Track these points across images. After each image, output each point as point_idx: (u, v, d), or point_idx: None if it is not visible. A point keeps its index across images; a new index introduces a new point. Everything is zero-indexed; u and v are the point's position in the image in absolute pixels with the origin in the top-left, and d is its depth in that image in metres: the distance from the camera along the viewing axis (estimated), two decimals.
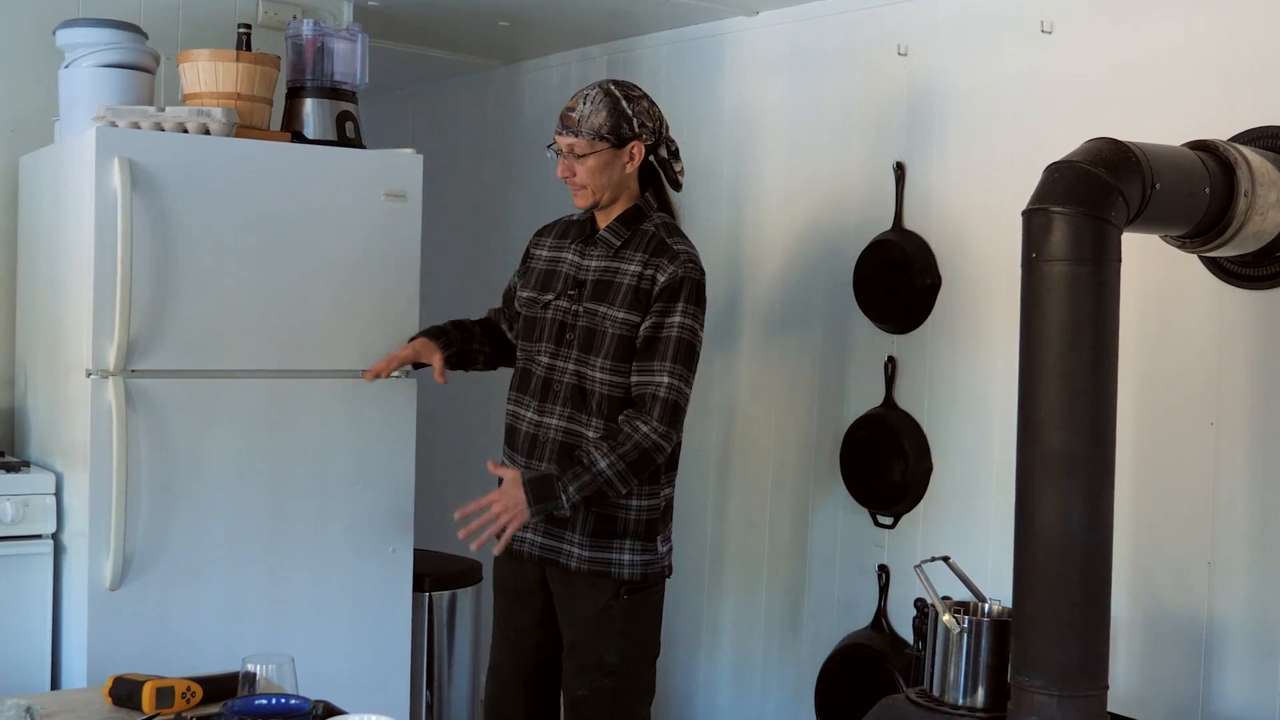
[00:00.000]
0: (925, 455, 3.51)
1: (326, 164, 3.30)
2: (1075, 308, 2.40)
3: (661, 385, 2.94)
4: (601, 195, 3.03)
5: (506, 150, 4.94)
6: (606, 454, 2.91)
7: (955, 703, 2.61)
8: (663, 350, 2.95)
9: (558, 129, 3.02)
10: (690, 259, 3.00)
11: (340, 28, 3.51)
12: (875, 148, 3.65)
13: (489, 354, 3.33)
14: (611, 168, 3.01)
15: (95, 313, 2.99)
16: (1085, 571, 2.41)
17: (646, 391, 2.95)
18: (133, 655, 2.92)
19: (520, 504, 2.93)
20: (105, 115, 3.07)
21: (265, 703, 1.96)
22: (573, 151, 2.99)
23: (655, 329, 2.96)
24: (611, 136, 2.98)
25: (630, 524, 3.01)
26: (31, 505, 3.14)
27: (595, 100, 3.00)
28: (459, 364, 3.30)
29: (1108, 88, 3.11)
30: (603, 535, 3.00)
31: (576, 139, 2.99)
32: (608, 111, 2.99)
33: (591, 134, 2.98)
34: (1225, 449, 2.90)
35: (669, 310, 2.96)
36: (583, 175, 3.00)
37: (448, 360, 3.24)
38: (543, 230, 3.26)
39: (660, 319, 2.96)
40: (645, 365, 2.96)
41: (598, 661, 3.02)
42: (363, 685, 3.31)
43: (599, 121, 2.97)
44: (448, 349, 3.25)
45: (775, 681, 3.93)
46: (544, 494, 2.92)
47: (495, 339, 3.34)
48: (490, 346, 3.33)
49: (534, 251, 3.23)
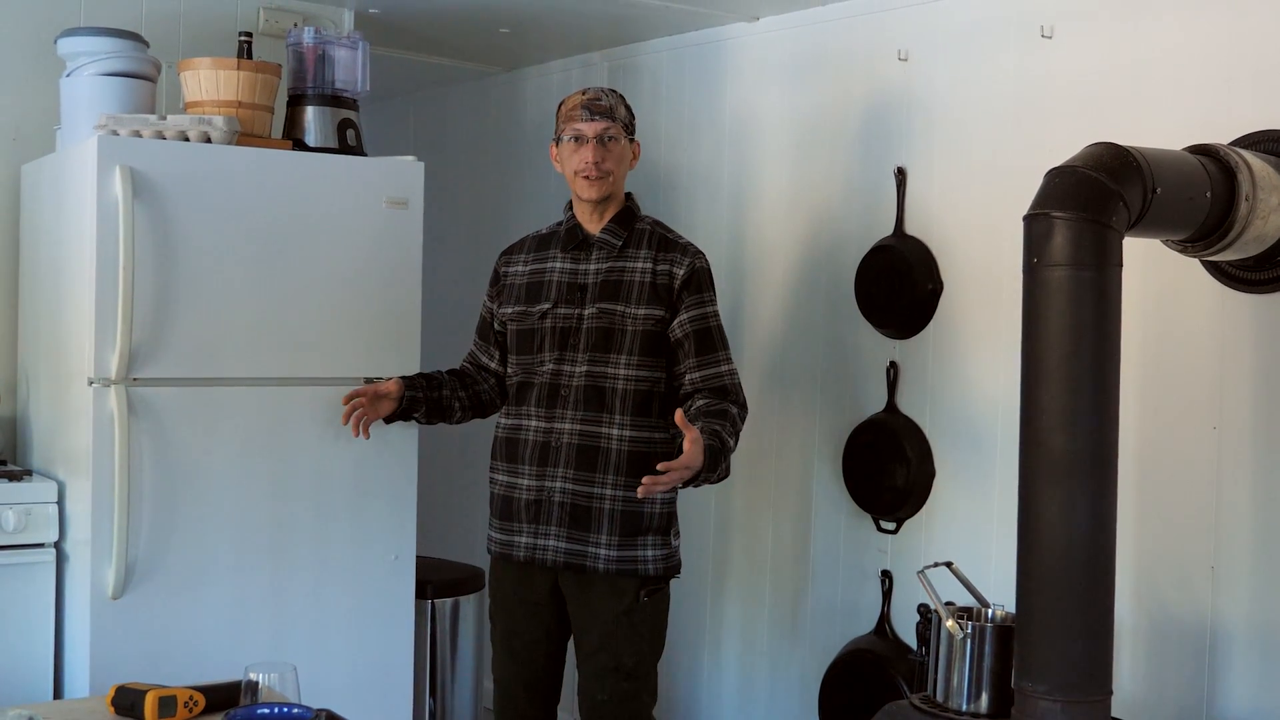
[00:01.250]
0: (928, 460, 3.51)
1: (328, 172, 3.31)
2: (1077, 313, 2.40)
3: (725, 373, 3.08)
4: (616, 185, 3.12)
5: (508, 157, 4.94)
6: (730, 433, 2.99)
7: (959, 708, 2.60)
8: (714, 342, 3.09)
9: (581, 117, 3.07)
10: (699, 251, 3.15)
11: (341, 35, 3.52)
12: (876, 153, 3.65)
13: (465, 398, 3.28)
14: (626, 159, 3.15)
15: (97, 321, 3.00)
16: (1089, 576, 2.41)
17: (722, 383, 3.07)
18: (135, 664, 2.92)
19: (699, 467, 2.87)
20: (107, 124, 3.07)
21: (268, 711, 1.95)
22: (607, 135, 3.06)
23: (700, 322, 3.07)
24: (629, 127, 3.14)
25: (655, 518, 3.06)
26: (34, 514, 3.13)
27: (612, 95, 3.13)
28: (427, 412, 3.25)
29: (1108, 92, 3.11)
30: (629, 533, 3.03)
31: (611, 123, 3.08)
32: (624, 106, 3.14)
33: (621, 121, 3.11)
34: (1228, 453, 2.90)
35: (702, 303, 3.09)
36: (610, 161, 3.08)
37: (400, 403, 3.20)
38: (511, 249, 3.29)
39: (699, 311, 3.08)
40: (708, 359, 3.07)
41: (617, 664, 3.05)
42: (366, 693, 3.30)
43: (623, 112, 3.13)
44: (406, 393, 3.20)
45: (779, 687, 3.92)
46: (712, 465, 2.91)
47: (468, 382, 3.30)
48: (466, 391, 3.29)
49: (506, 270, 3.25)
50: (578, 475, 3.03)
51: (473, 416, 3.35)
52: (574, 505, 3.03)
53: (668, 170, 4.26)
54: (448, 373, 3.32)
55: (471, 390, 3.30)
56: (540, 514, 3.07)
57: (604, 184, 3.07)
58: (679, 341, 3.06)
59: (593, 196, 3.08)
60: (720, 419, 2.99)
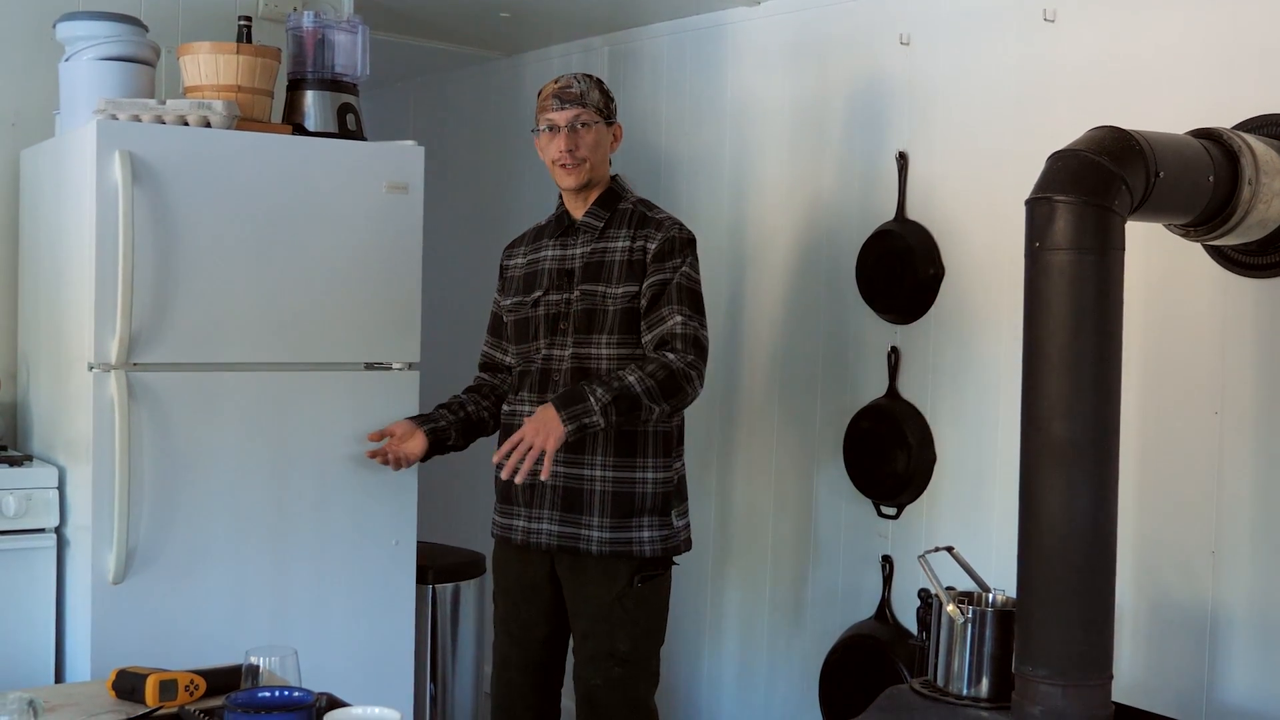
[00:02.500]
0: (929, 445, 3.50)
1: (328, 156, 3.30)
2: (1079, 297, 2.40)
3: (676, 323, 2.99)
4: (595, 171, 3.11)
5: (508, 141, 4.93)
6: (633, 371, 2.93)
7: (960, 693, 2.60)
8: (669, 297, 3.01)
9: (553, 106, 3.09)
10: (675, 222, 3.11)
11: (341, 20, 3.51)
12: (877, 137, 3.64)
13: (490, 407, 3.31)
14: (603, 144, 3.14)
15: (97, 306, 2.99)
16: (1089, 561, 2.41)
17: (663, 332, 2.99)
18: (136, 648, 2.92)
19: (552, 420, 2.88)
20: (106, 108, 3.06)
21: (268, 695, 1.95)
22: (577, 122, 3.07)
23: (658, 285, 3.02)
24: (605, 112, 3.13)
25: (648, 498, 3.04)
26: (34, 499, 3.13)
27: (586, 80, 3.13)
28: (462, 434, 3.28)
29: (1111, 76, 3.10)
30: (621, 514, 3.02)
31: (582, 109, 3.08)
32: (598, 90, 3.13)
33: (593, 106, 3.10)
34: (1229, 438, 2.90)
35: (664, 268, 3.03)
36: (584, 148, 3.08)
37: (430, 435, 3.23)
38: (513, 243, 3.33)
39: (660, 277, 3.03)
40: (654, 316, 3.01)
41: (610, 650, 3.05)
42: (366, 678, 3.31)
43: (596, 97, 3.12)
44: (430, 427, 3.24)
45: (779, 673, 3.93)
46: (573, 401, 2.89)
47: (488, 393, 3.33)
48: (488, 401, 3.31)
49: (509, 264, 3.30)
50: (568, 458, 3.04)
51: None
52: (566, 488, 3.04)
53: (669, 155, 4.25)
54: (464, 393, 3.34)
55: (493, 399, 3.32)
56: (535, 497, 3.08)
57: (580, 170, 3.09)
58: (643, 310, 3.03)
59: (570, 185, 3.12)
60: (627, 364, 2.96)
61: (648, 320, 3.01)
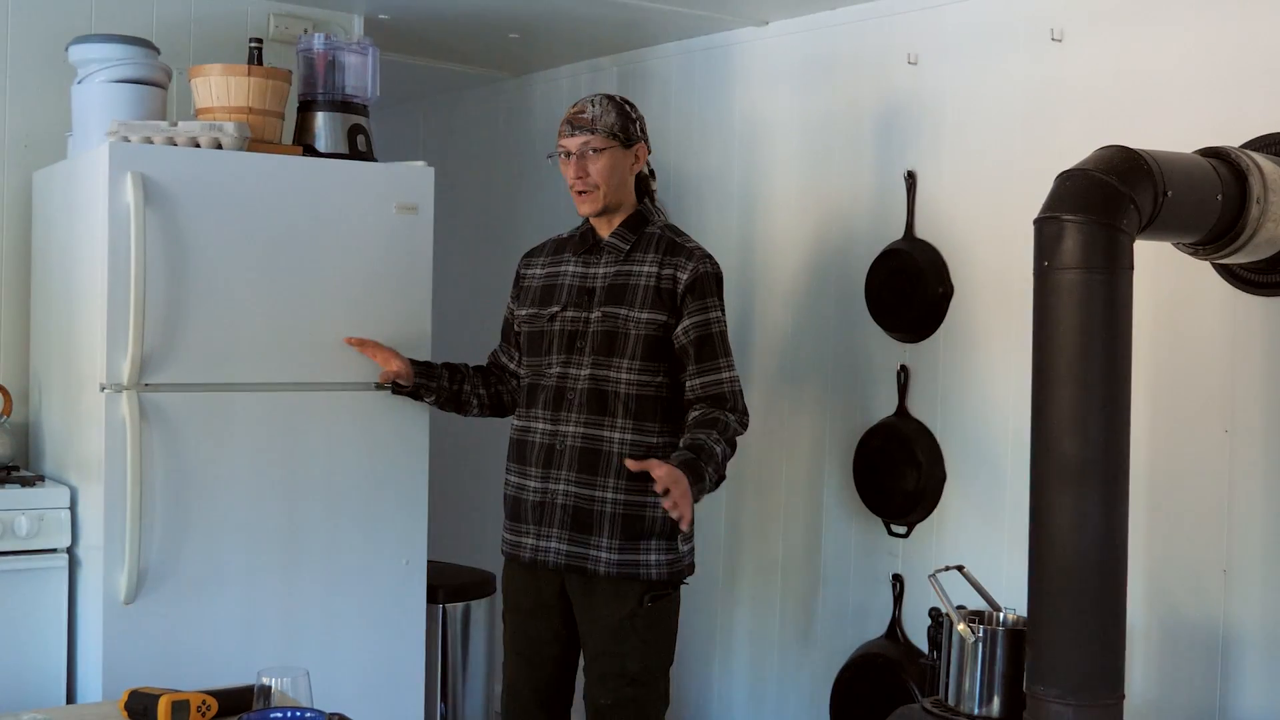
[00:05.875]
0: (938, 464, 3.50)
1: (338, 177, 3.31)
2: (1088, 316, 2.40)
3: (725, 380, 3.06)
4: (610, 197, 3.08)
5: (517, 162, 4.94)
6: (718, 439, 2.98)
7: (971, 712, 2.60)
8: (715, 349, 3.06)
9: (565, 133, 3.08)
10: (706, 255, 3.10)
11: (351, 41, 3.52)
12: (886, 157, 3.65)
13: (485, 396, 3.33)
14: (620, 168, 3.09)
15: (109, 327, 3.00)
16: (1100, 579, 2.41)
17: (720, 390, 3.05)
18: (148, 669, 2.93)
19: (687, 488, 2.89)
20: (118, 130, 3.08)
21: (280, 716, 1.95)
22: (587, 149, 3.04)
23: (702, 328, 3.04)
24: (622, 135, 3.08)
25: (658, 522, 3.03)
26: (46, 519, 3.14)
27: (602, 104, 3.09)
28: (441, 401, 3.31)
29: (1118, 95, 3.11)
30: (631, 536, 3.02)
31: (592, 135, 3.05)
32: (616, 113, 3.09)
33: (605, 131, 3.06)
34: (1240, 456, 2.90)
35: (706, 309, 3.06)
36: (596, 174, 3.06)
37: (412, 384, 3.26)
38: (532, 252, 3.31)
39: (702, 318, 3.05)
40: (709, 365, 3.05)
41: (620, 670, 3.04)
42: (377, 698, 3.31)
43: (611, 120, 3.07)
44: (420, 377, 3.27)
45: (790, 691, 3.92)
46: (695, 478, 2.91)
47: (492, 381, 3.34)
48: (487, 390, 3.33)
49: (525, 272, 3.27)
50: (580, 478, 3.04)
51: (490, 414, 3.38)
52: (576, 508, 3.04)
53: (678, 175, 4.26)
54: (475, 368, 3.35)
55: (494, 390, 3.33)
56: (544, 516, 3.08)
57: (594, 197, 3.07)
58: (683, 348, 3.05)
59: (585, 212, 3.11)
60: (709, 428, 2.98)
61: (700, 364, 3.04)
